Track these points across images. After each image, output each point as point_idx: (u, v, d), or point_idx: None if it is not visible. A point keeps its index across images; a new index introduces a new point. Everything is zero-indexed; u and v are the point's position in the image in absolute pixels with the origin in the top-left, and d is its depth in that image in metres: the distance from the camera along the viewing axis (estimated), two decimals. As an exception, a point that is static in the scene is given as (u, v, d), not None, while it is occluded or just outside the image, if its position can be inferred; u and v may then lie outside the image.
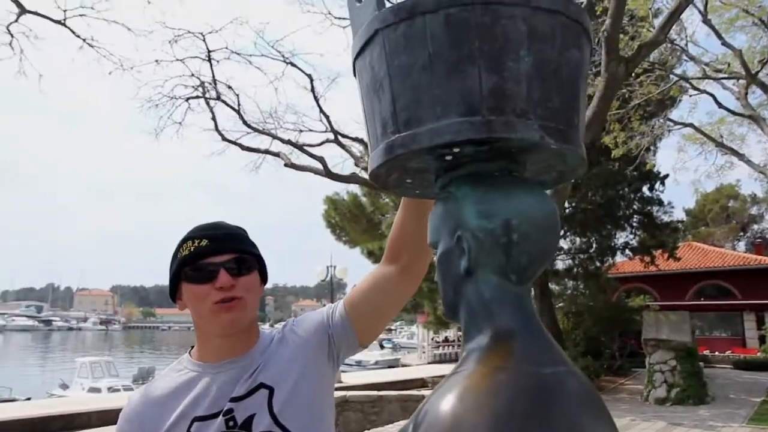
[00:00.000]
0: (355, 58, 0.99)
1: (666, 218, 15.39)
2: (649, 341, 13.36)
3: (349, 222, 21.74)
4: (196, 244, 1.23)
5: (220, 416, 1.17)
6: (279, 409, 1.19)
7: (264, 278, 1.32)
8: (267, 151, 8.52)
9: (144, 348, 60.33)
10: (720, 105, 9.22)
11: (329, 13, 9.20)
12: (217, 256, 1.21)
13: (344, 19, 9.34)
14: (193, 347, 1.31)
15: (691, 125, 9.68)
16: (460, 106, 0.85)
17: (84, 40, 7.50)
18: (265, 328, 1.37)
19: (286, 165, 7.92)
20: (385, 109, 0.93)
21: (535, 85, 0.86)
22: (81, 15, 7.24)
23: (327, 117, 7.89)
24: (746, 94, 8.68)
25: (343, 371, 15.67)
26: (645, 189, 14.62)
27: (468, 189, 0.92)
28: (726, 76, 8.60)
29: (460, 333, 1.32)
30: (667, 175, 14.56)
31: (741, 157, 9.68)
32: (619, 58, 5.48)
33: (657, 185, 14.57)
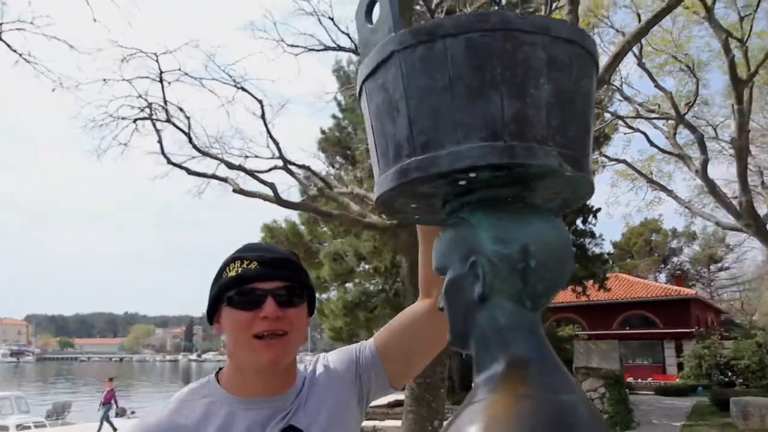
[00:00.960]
0: (365, 79, 0.98)
1: (597, 250, 15.97)
2: (580, 369, 13.74)
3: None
4: (244, 265, 1.13)
5: None
6: None
7: (311, 310, 1.22)
8: (214, 176, 8.34)
9: (59, 381, 57.05)
10: (651, 143, 9.74)
11: (281, 41, 9.20)
12: (266, 282, 1.11)
13: (296, 46, 9.33)
14: (220, 370, 1.21)
15: (624, 161, 10.17)
16: (482, 131, 0.85)
17: (20, 54, 7.18)
18: (299, 367, 1.26)
19: (234, 191, 7.76)
20: (400, 131, 0.91)
21: (555, 113, 0.87)
22: (18, 29, 6.94)
23: (276, 143, 7.82)
24: (675, 133, 9.20)
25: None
26: (578, 222, 15.16)
27: (482, 215, 0.91)
28: (657, 116, 9.10)
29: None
30: (599, 209, 15.18)
31: (669, 192, 10.20)
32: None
33: (590, 218, 15.15)
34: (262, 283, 1.11)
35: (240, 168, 8.04)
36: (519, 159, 0.84)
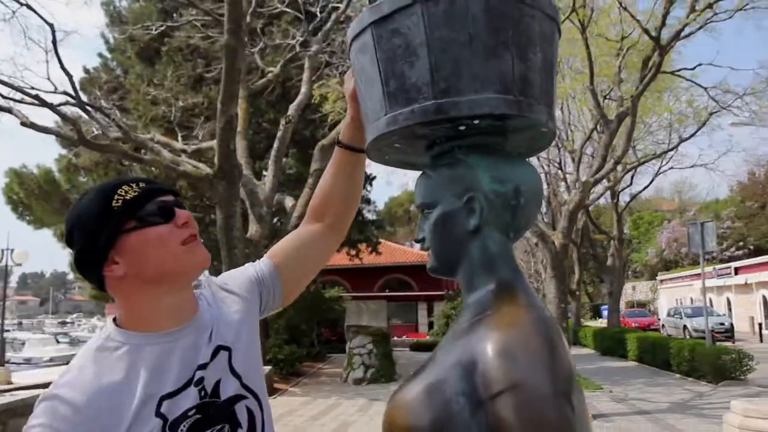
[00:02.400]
0: (375, 22, 1.04)
1: (371, 216, 16.99)
2: (351, 327, 14.62)
3: (38, 200, 19.19)
4: (134, 187, 1.06)
5: (192, 386, 1.04)
6: (241, 369, 1.12)
7: None
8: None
9: None
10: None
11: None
12: (163, 196, 1.08)
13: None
14: (114, 319, 1.10)
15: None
16: (496, 85, 0.98)
17: None
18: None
19: (23, 124, 6.61)
20: (418, 75, 1.00)
21: (543, 77, 1.05)
22: None
23: (70, 75, 6.78)
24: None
25: (12, 370, 13.61)
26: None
27: (479, 157, 1.05)
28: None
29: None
30: (375, 177, 16.15)
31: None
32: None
33: (366, 185, 16.02)
34: (162, 197, 1.08)
35: (38, 99, 6.94)
36: (524, 112, 1.00)
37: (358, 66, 1.11)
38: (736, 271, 32.51)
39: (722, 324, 23.11)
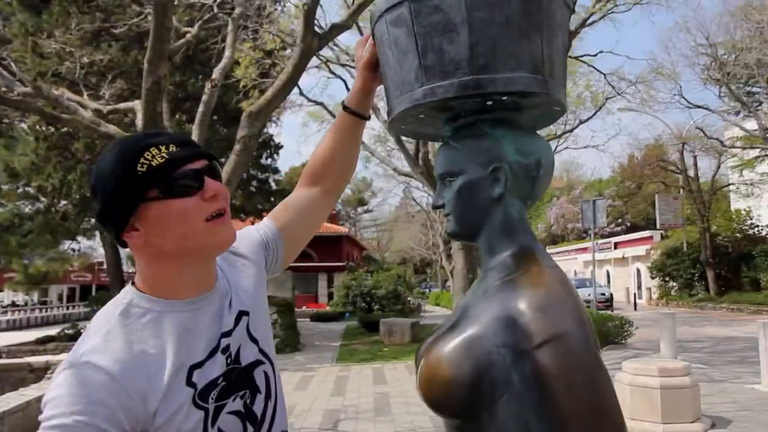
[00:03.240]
0: None
1: (276, 186, 16.79)
2: (257, 297, 14.52)
3: None
4: (163, 150, 0.98)
5: (218, 354, 1.03)
6: (258, 335, 1.13)
7: None
8: None
9: None
10: (348, 89, 10.58)
11: None
12: (195, 162, 1.00)
13: None
14: (132, 282, 1.06)
15: (321, 104, 10.84)
16: (528, 65, 1.08)
17: None
18: None
19: None
20: (458, 51, 1.07)
21: (562, 61, 1.15)
22: None
23: None
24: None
25: None
26: (264, 157, 15.69)
27: (504, 130, 1.13)
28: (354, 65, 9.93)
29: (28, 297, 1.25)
30: (282, 146, 15.92)
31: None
32: (314, 33, 5.93)
33: (274, 154, 15.79)
34: (193, 164, 1.00)
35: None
36: (550, 92, 1.10)
37: (390, 37, 1.15)
38: (615, 245, 35.16)
39: (603, 294, 25.11)
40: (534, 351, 0.95)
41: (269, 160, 16.17)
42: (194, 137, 4.41)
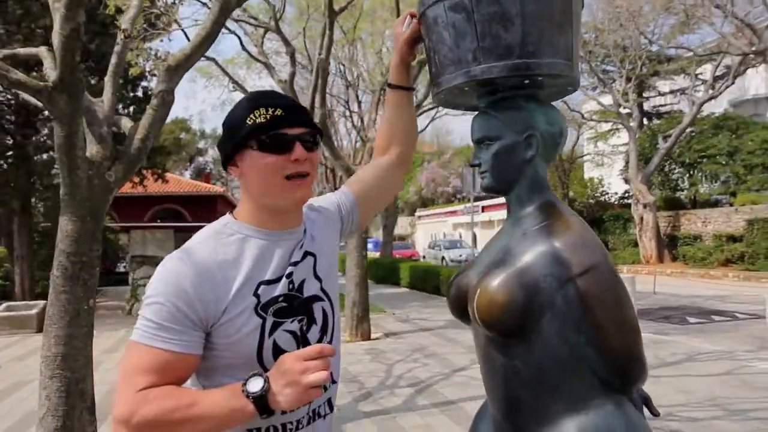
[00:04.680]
0: None
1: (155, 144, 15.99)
2: (136, 257, 13.97)
3: None
4: (270, 112, 1.18)
5: (284, 278, 1.22)
6: (322, 275, 1.30)
7: None
8: None
9: None
10: (244, 48, 10.34)
11: None
12: (293, 128, 1.19)
13: None
14: (232, 211, 1.28)
15: (213, 60, 10.49)
16: (563, 53, 1.34)
17: None
18: None
19: None
20: (512, 38, 1.31)
21: (578, 48, 1.42)
22: None
23: None
24: (262, 42, 10.04)
25: None
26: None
27: (536, 104, 1.40)
28: (255, 23, 9.71)
29: None
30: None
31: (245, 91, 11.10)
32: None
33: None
34: (290, 129, 1.19)
35: None
36: (575, 75, 1.37)
37: (447, 20, 1.35)
38: (483, 209, 37.21)
39: (473, 255, 26.72)
40: (577, 278, 1.23)
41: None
42: (107, 89, 4.29)
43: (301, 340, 1.23)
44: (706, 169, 22.34)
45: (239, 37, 10.12)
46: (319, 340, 1.28)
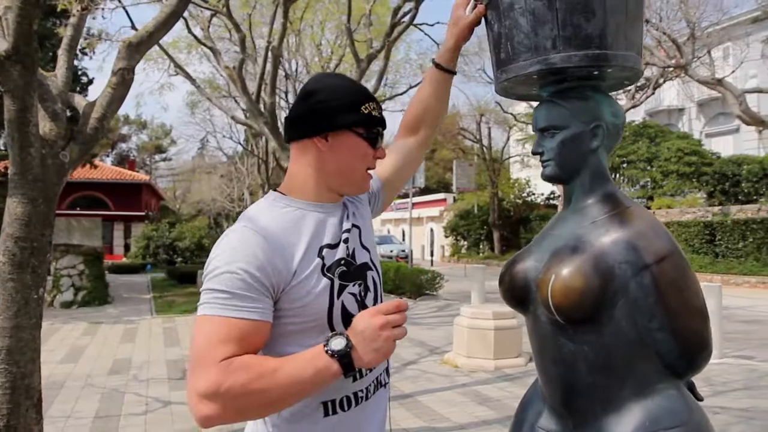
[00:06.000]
0: None
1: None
2: (59, 246, 13.23)
3: None
4: (375, 109, 1.28)
5: (341, 243, 1.26)
6: (369, 246, 1.36)
7: None
8: None
9: None
10: (190, 31, 9.96)
11: None
12: (380, 126, 1.31)
13: None
14: (276, 188, 1.32)
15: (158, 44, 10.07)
16: (634, 47, 1.38)
17: None
18: None
19: None
20: (593, 29, 1.32)
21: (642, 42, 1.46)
22: None
23: None
24: (209, 26, 9.73)
25: None
26: (76, 90, 14.12)
27: (602, 96, 1.42)
28: (207, 7, 9.38)
29: None
30: (93, 80, 14.51)
31: (193, 81, 10.73)
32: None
33: (86, 90, 14.31)
34: (380, 127, 1.31)
35: None
36: (642, 69, 1.40)
37: (525, 6, 1.35)
38: (412, 206, 37.63)
39: (403, 251, 27.02)
40: (654, 265, 1.26)
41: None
42: (60, 63, 4.06)
43: (360, 305, 1.26)
44: (627, 174, 23.42)
45: (185, 20, 9.76)
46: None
